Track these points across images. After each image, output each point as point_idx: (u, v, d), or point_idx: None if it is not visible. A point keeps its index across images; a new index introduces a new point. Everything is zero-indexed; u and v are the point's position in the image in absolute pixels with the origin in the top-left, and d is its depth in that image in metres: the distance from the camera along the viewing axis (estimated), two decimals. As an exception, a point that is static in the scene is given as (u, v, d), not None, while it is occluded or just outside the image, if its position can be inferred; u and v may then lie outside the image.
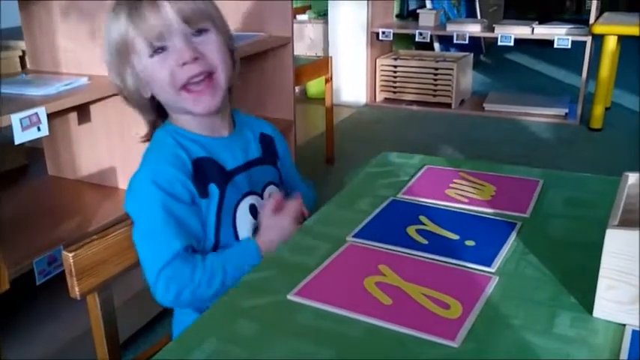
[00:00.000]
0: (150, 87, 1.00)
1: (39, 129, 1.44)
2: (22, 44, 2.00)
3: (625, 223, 0.74)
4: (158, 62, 0.96)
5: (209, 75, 0.97)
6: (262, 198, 1.07)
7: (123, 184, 1.93)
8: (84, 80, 1.70)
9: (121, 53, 0.98)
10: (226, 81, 1.00)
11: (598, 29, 3.59)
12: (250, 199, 1.05)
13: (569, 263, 0.86)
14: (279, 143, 1.18)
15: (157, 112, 1.06)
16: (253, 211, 1.05)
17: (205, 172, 1.00)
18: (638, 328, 0.71)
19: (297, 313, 0.76)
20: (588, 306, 0.74)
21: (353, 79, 4.42)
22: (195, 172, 0.99)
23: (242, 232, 1.04)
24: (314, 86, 4.45)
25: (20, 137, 1.41)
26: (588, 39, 3.70)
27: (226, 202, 1.01)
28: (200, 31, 0.97)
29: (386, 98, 4.46)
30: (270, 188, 1.10)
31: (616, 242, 0.70)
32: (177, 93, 0.97)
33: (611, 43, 3.56)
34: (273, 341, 0.71)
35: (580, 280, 0.80)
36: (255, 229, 1.05)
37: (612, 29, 3.56)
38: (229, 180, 1.03)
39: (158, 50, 0.95)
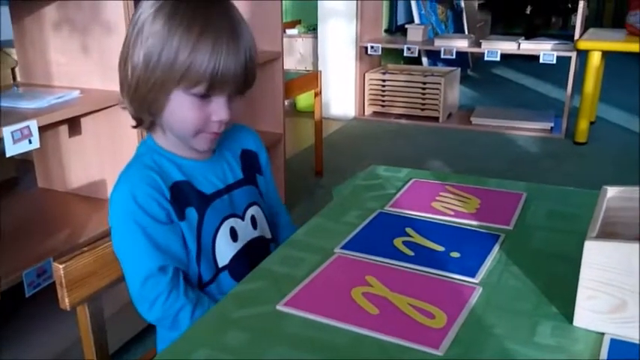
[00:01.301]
0: (170, 119, 0.97)
1: (30, 142, 1.45)
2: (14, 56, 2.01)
3: (604, 235, 0.77)
4: (196, 108, 0.94)
5: None
6: (244, 220, 1.06)
7: (113, 196, 1.94)
8: (75, 93, 1.72)
9: (173, 79, 0.91)
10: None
11: (583, 45, 3.65)
12: (231, 222, 1.03)
13: (550, 274, 0.88)
14: (261, 155, 1.16)
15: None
16: (233, 234, 1.04)
17: (184, 196, 0.99)
18: (616, 337, 0.73)
19: (286, 323, 0.77)
20: (569, 315, 0.76)
21: (342, 93, 4.46)
22: (172, 196, 0.97)
23: (221, 258, 1.02)
24: (303, 100, 4.48)
25: (11, 150, 1.41)
26: (573, 54, 3.76)
27: (205, 226, 1.00)
28: (236, 94, 0.97)
29: (374, 112, 4.50)
30: (253, 209, 1.08)
31: (595, 254, 0.73)
32: (195, 135, 0.97)
33: (595, 59, 3.62)
34: (263, 351, 0.72)
35: (561, 290, 0.82)
36: (236, 254, 1.03)
37: (597, 45, 3.62)
38: (209, 205, 1.01)
39: (204, 96, 0.93)
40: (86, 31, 1.77)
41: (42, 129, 1.49)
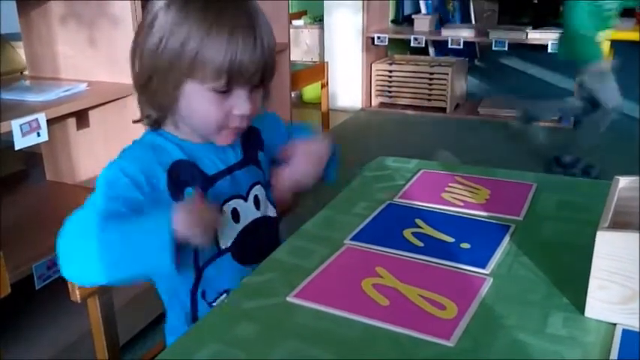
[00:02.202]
0: (188, 116, 0.94)
1: (39, 134, 1.46)
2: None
3: (616, 226, 0.76)
4: (215, 102, 0.90)
5: None
6: (247, 200, 1.04)
7: (121, 188, 1.94)
8: (83, 86, 1.72)
9: (185, 72, 0.88)
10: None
11: (591, 34, 3.62)
12: (233, 203, 1.01)
13: (561, 265, 0.88)
14: (264, 130, 1.10)
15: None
16: (235, 215, 1.02)
17: (184, 176, 0.96)
18: (628, 327, 0.73)
19: (296, 315, 0.77)
20: (580, 306, 0.76)
21: (349, 84, 4.45)
22: (170, 178, 0.95)
23: (223, 240, 0.99)
24: (310, 91, 4.47)
25: (20, 143, 1.42)
26: (582, 44, 3.73)
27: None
28: (258, 87, 0.94)
29: (381, 103, 4.49)
30: (256, 189, 1.06)
31: (606, 244, 0.72)
32: (217, 130, 0.95)
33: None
34: (274, 343, 0.73)
35: (572, 280, 0.82)
36: (238, 236, 1.01)
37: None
38: (210, 186, 0.99)
39: (223, 92, 0.89)
40: (93, 24, 1.77)
41: (50, 122, 1.50)
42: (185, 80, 0.89)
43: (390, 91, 4.42)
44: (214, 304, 0.99)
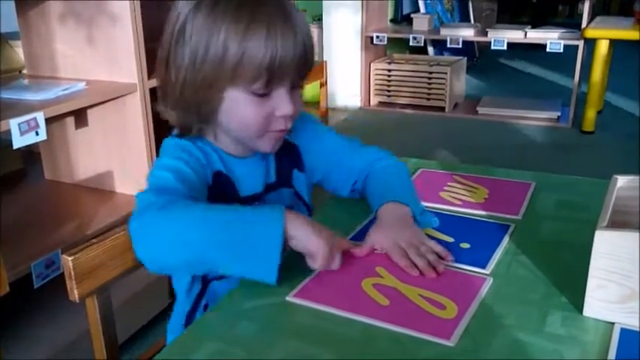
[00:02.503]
0: (228, 121, 0.90)
1: (37, 133, 1.45)
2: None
3: (614, 225, 0.76)
4: (256, 105, 0.87)
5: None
6: None
7: (120, 188, 1.94)
8: (81, 85, 1.72)
9: (225, 76, 0.84)
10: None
11: (590, 33, 3.63)
12: None
13: (560, 264, 0.88)
14: (302, 145, 1.05)
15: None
16: None
17: (218, 191, 0.93)
18: (626, 327, 0.73)
19: (296, 314, 0.77)
20: (578, 305, 0.76)
21: (347, 83, 4.45)
22: (213, 183, 0.92)
23: None
24: (309, 90, 4.46)
25: (19, 142, 1.42)
26: (580, 43, 3.74)
27: None
28: (297, 86, 0.91)
29: (380, 102, 4.49)
30: (285, 191, 1.03)
31: (605, 243, 0.72)
32: (260, 135, 0.90)
33: (603, 47, 3.60)
34: (273, 342, 0.72)
35: (570, 280, 0.82)
36: None
37: (604, 33, 3.60)
38: (244, 203, 0.96)
39: (263, 94, 0.86)
40: (92, 22, 1.77)
41: (48, 121, 1.49)
42: (227, 88, 0.85)
43: (388, 91, 4.42)
44: None
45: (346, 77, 4.43)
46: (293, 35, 0.84)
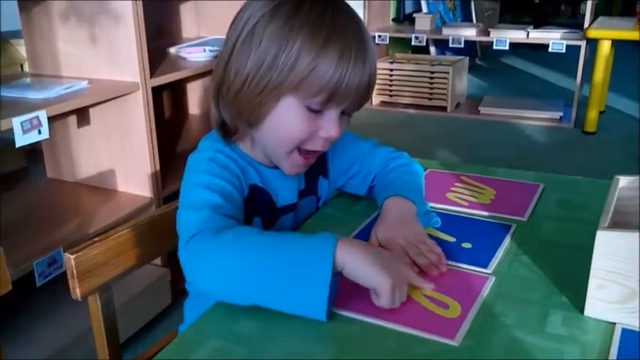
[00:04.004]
0: (271, 128, 0.88)
1: (40, 132, 1.46)
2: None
3: (615, 225, 0.77)
4: (306, 120, 0.85)
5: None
6: None
7: (122, 186, 1.95)
8: (84, 84, 1.72)
9: (289, 84, 0.82)
10: None
11: (592, 33, 3.63)
12: None
13: (561, 264, 0.88)
14: (337, 155, 1.06)
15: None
16: None
17: (255, 203, 0.93)
18: (627, 327, 0.73)
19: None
20: (579, 305, 0.76)
21: (349, 83, 4.44)
22: (249, 196, 0.92)
23: None
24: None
25: (21, 140, 1.42)
26: (583, 43, 3.74)
27: None
28: (347, 114, 0.90)
29: (382, 102, 4.49)
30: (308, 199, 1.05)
31: (606, 243, 0.72)
32: (291, 150, 0.89)
33: (605, 48, 3.60)
34: (275, 340, 0.73)
35: (571, 280, 0.82)
36: None
37: (606, 34, 3.60)
38: (276, 219, 0.97)
39: (316, 110, 0.85)
40: (94, 21, 1.77)
41: (51, 119, 1.50)
42: (286, 95, 0.83)
43: (390, 90, 4.42)
44: None
45: (348, 77, 4.43)
46: (363, 63, 0.83)
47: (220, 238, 0.77)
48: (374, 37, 4.31)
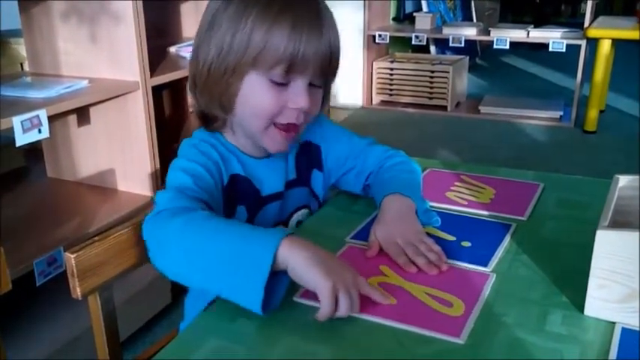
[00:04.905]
0: (243, 106, 0.91)
1: (40, 131, 1.46)
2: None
3: (615, 225, 0.77)
4: (273, 93, 0.88)
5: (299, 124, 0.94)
6: (288, 226, 1.04)
7: (122, 185, 1.95)
8: (84, 83, 1.72)
9: (248, 61, 0.87)
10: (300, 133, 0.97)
11: (592, 33, 3.63)
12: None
13: (561, 263, 0.88)
14: (324, 147, 1.08)
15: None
16: None
17: (238, 192, 0.95)
18: (627, 326, 0.73)
19: (298, 312, 0.77)
20: (579, 304, 0.76)
21: (349, 82, 4.45)
22: (229, 186, 0.94)
23: None
24: (311, 89, 4.47)
25: (21, 139, 1.42)
26: (583, 42, 3.74)
27: None
28: (317, 85, 0.93)
29: (382, 101, 4.49)
30: (300, 214, 1.06)
31: (606, 243, 0.72)
32: (268, 126, 0.92)
33: (605, 47, 3.59)
34: (275, 340, 0.73)
35: (571, 279, 0.82)
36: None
37: (607, 33, 3.59)
38: (261, 207, 0.98)
39: (281, 83, 0.88)
40: (94, 20, 1.77)
41: (51, 118, 1.50)
42: (248, 71, 0.88)
43: (390, 89, 4.42)
44: None
45: (348, 76, 4.43)
46: (318, 34, 0.86)
47: (174, 220, 0.79)
48: (374, 36, 4.31)
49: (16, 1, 1.88)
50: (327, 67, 0.90)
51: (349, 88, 4.46)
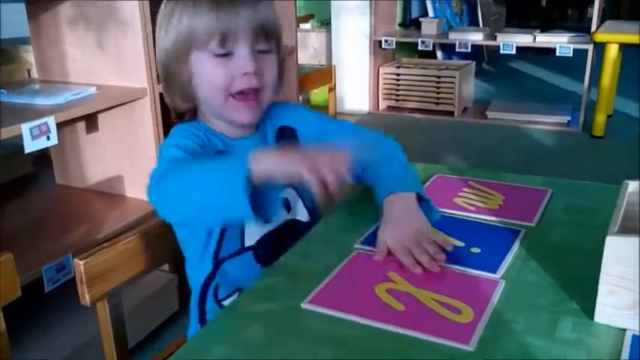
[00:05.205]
0: (199, 86, 0.99)
1: (48, 138, 1.46)
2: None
3: (625, 230, 0.76)
4: (219, 65, 0.95)
5: (257, 91, 0.99)
6: (274, 202, 1.06)
7: (130, 192, 1.95)
8: (92, 90, 1.73)
9: (186, 44, 0.96)
10: (268, 100, 1.02)
11: (599, 37, 3.62)
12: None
13: (570, 269, 0.88)
14: (302, 129, 1.12)
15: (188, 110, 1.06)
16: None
17: None
18: (638, 333, 0.72)
19: (308, 319, 0.77)
20: (589, 311, 0.76)
21: (356, 88, 4.45)
22: None
23: (248, 238, 1.02)
24: (317, 94, 4.48)
25: (30, 146, 1.43)
26: (590, 47, 3.73)
27: None
28: (263, 51, 0.98)
29: (389, 106, 4.49)
30: (287, 192, 1.07)
31: (616, 249, 0.72)
32: (227, 99, 0.98)
33: (612, 51, 3.58)
34: (283, 347, 0.73)
35: (581, 285, 0.82)
36: (263, 235, 1.03)
37: (614, 37, 3.58)
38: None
39: (223, 54, 0.95)
40: (102, 27, 1.78)
41: (59, 125, 1.50)
42: (191, 51, 0.95)
43: (397, 95, 4.42)
44: (225, 302, 1.01)
45: (355, 81, 4.43)
46: (241, 6, 0.94)
47: (168, 174, 0.89)
48: (380, 42, 4.31)
49: (25, 7, 1.89)
50: (265, 32, 0.96)
51: (356, 94, 4.46)
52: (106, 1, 1.74)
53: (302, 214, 1.09)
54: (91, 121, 1.92)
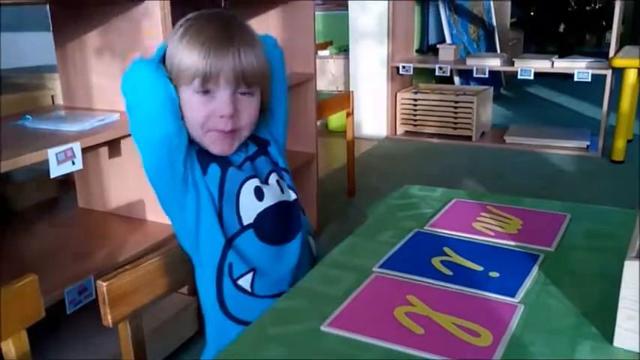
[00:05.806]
0: (185, 117, 1.03)
1: (73, 163, 1.50)
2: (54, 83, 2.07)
3: (644, 255, 0.76)
4: (200, 101, 1.02)
5: (233, 130, 1.04)
6: (268, 184, 1.09)
7: (151, 216, 1.98)
8: (116, 116, 1.77)
9: (177, 78, 1.02)
10: (245, 136, 1.08)
11: (618, 62, 3.61)
12: (255, 182, 1.07)
13: (589, 294, 0.87)
14: (272, 144, 1.17)
15: None
16: (258, 193, 1.06)
17: (208, 154, 1.06)
18: (658, 358, 0.72)
19: (326, 342, 0.78)
20: (608, 335, 0.76)
21: (374, 113, 4.48)
22: (199, 150, 1.06)
23: (245, 216, 1.04)
24: (335, 120, 4.51)
25: (55, 171, 1.46)
26: (608, 72, 3.72)
27: (228, 181, 1.04)
28: (245, 93, 1.04)
29: (406, 131, 4.50)
30: (274, 176, 1.12)
31: (634, 273, 0.72)
32: (204, 133, 1.04)
33: (631, 76, 3.58)
34: (302, 368, 0.73)
35: (600, 310, 0.82)
36: (260, 213, 1.05)
37: (632, 62, 3.58)
38: (231, 164, 1.07)
39: (206, 92, 1.01)
40: (126, 56, 1.82)
41: (84, 150, 1.54)
42: (180, 87, 1.02)
43: (415, 120, 4.44)
44: (240, 281, 1.03)
45: (373, 107, 4.46)
46: (226, 51, 1.00)
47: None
48: (398, 68, 4.35)
49: (52, 35, 1.94)
50: (246, 78, 1.01)
51: (374, 119, 4.49)
52: (131, 29, 1.78)
53: (289, 195, 1.12)
54: (113, 146, 1.96)
